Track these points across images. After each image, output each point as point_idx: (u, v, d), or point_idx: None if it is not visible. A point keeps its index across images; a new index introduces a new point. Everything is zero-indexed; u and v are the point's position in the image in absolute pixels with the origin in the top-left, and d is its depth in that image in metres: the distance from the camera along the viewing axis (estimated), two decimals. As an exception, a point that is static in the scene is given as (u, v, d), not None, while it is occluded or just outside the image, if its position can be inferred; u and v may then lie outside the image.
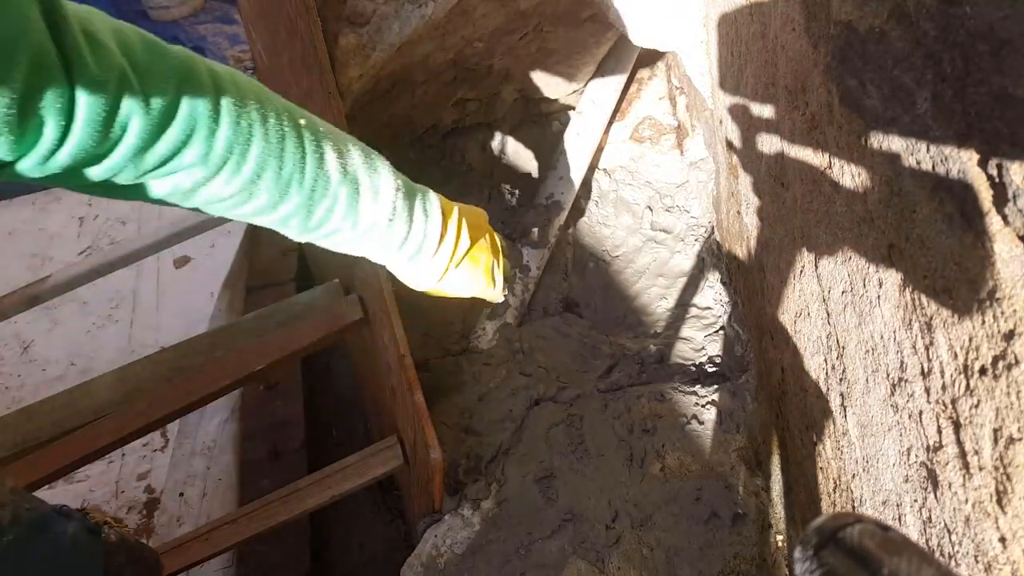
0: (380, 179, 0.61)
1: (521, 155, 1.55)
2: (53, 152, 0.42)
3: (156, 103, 0.45)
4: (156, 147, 0.46)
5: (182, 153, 0.48)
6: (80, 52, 0.41)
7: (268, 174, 0.53)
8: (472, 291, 0.76)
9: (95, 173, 0.46)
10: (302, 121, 0.57)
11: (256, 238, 1.87)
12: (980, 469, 0.47)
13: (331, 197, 0.58)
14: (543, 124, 1.58)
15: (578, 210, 1.45)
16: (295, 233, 0.60)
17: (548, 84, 1.51)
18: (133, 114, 0.44)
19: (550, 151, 1.52)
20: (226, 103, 0.50)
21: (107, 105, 0.42)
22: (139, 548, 0.76)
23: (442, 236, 0.68)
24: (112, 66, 0.43)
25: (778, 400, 0.92)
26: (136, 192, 0.50)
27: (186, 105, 0.47)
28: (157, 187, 0.50)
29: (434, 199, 0.68)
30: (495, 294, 0.79)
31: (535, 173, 1.52)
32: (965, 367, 0.47)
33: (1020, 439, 0.42)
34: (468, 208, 0.73)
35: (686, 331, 1.23)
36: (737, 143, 0.98)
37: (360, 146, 0.62)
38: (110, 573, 0.70)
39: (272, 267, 1.79)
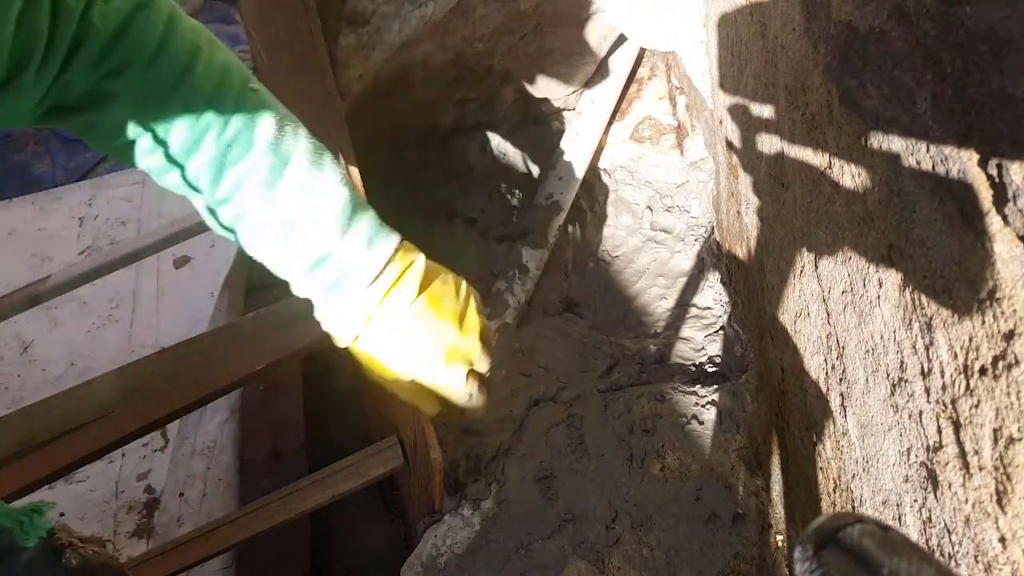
0: (319, 173, 0.51)
1: (521, 155, 1.55)
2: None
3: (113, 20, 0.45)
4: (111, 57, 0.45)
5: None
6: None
7: (186, 114, 0.48)
8: (426, 352, 0.55)
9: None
10: (252, 85, 0.51)
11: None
12: (980, 469, 0.47)
13: (249, 162, 0.49)
14: (543, 124, 1.58)
15: (578, 210, 1.45)
16: (203, 203, 0.52)
17: (548, 84, 1.51)
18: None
19: (550, 151, 1.52)
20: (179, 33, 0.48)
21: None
22: (102, 571, 0.66)
23: (382, 271, 0.52)
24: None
25: (778, 400, 0.92)
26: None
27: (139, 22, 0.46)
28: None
29: (393, 236, 0.53)
30: (469, 392, 0.57)
31: (535, 173, 1.52)
32: (965, 367, 0.47)
33: (1020, 439, 0.42)
34: (445, 270, 0.57)
35: (686, 331, 1.23)
36: (737, 143, 0.98)
37: (314, 140, 0.53)
38: None
39: (272, 267, 1.78)
